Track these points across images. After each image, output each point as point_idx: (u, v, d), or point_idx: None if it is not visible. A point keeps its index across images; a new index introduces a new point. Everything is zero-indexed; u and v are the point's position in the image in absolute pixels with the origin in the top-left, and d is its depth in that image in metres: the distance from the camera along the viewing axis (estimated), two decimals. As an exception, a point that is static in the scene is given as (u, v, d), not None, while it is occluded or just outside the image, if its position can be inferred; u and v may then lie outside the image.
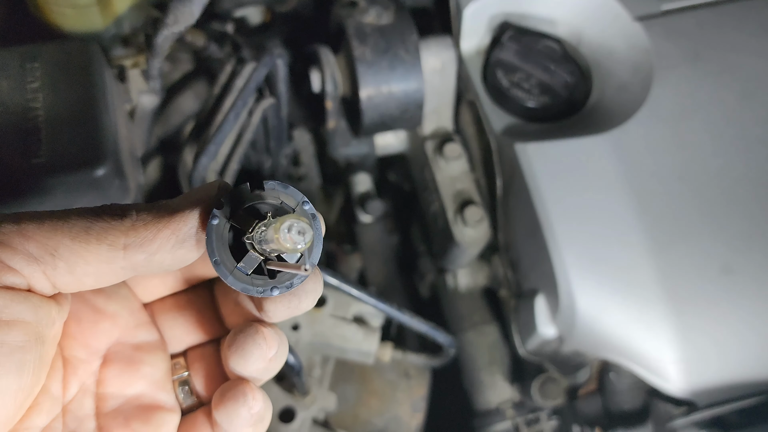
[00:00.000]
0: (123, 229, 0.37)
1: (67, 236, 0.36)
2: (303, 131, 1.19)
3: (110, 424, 0.42)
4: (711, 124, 0.89)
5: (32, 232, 0.36)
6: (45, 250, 0.36)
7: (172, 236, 0.37)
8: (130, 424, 0.42)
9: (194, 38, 0.95)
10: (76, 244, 0.36)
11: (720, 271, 0.83)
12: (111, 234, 0.37)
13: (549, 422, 1.02)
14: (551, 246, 0.84)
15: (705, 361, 0.82)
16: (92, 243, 0.36)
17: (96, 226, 0.37)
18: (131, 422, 0.43)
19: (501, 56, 0.98)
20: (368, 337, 0.94)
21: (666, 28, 0.93)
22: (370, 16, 0.97)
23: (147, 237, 0.37)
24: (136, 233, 0.37)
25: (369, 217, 1.19)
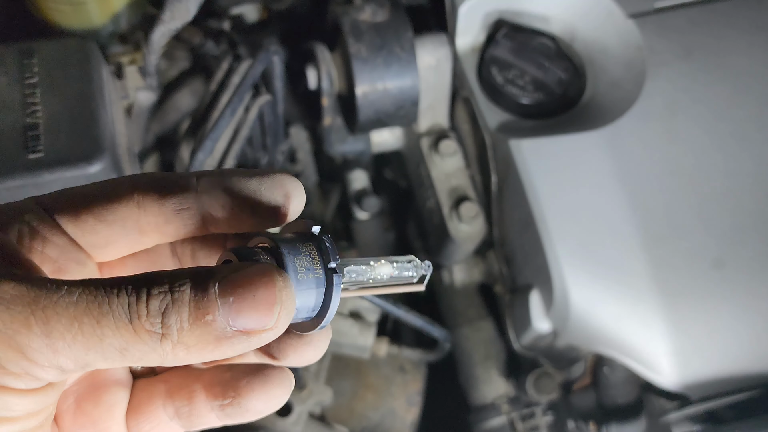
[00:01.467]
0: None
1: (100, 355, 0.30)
2: (299, 128, 1.19)
3: (60, 407, 0.38)
4: (703, 120, 0.90)
5: (61, 341, 0.29)
6: (76, 365, 0.30)
7: None
8: (81, 407, 0.38)
9: (191, 35, 0.95)
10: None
11: (712, 266, 0.84)
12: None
13: (544, 417, 1.02)
14: (545, 241, 0.85)
15: (697, 355, 0.83)
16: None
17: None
18: (83, 404, 0.38)
19: (496, 53, 0.98)
20: (364, 332, 0.95)
21: (659, 26, 0.94)
22: (365, 14, 0.98)
23: None
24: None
25: (365, 214, 1.20)
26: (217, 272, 0.31)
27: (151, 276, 0.30)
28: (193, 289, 0.30)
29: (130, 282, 0.30)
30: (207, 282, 0.30)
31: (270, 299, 0.30)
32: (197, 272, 0.31)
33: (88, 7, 0.87)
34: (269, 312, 0.30)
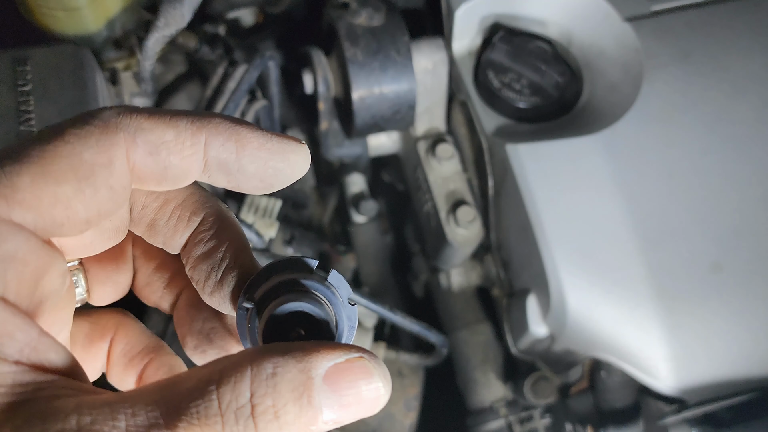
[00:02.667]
0: None
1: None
2: (296, 132, 1.19)
3: None
4: (700, 124, 0.90)
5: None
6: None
7: None
8: None
9: (186, 40, 0.95)
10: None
11: (709, 269, 0.84)
12: None
13: (542, 420, 1.02)
14: (542, 245, 0.85)
15: (694, 359, 0.83)
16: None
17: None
18: None
19: (492, 57, 0.98)
20: (361, 338, 0.95)
21: (655, 29, 0.94)
22: (361, 18, 0.98)
23: None
24: None
25: (363, 218, 1.19)
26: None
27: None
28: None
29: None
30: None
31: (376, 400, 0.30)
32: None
33: (83, 12, 0.87)
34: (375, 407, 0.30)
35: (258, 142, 0.33)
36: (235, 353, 0.29)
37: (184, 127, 0.31)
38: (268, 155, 0.33)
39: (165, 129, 0.31)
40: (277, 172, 0.34)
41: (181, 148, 0.31)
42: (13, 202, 0.28)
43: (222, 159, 0.32)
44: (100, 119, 0.30)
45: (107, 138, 0.30)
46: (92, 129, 0.30)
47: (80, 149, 0.29)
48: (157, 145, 0.31)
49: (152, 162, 0.31)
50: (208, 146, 0.32)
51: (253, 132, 0.33)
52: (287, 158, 0.34)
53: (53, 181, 0.28)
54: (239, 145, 0.32)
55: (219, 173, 0.33)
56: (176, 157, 0.32)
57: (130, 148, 0.30)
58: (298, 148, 0.34)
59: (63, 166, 0.29)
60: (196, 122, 0.32)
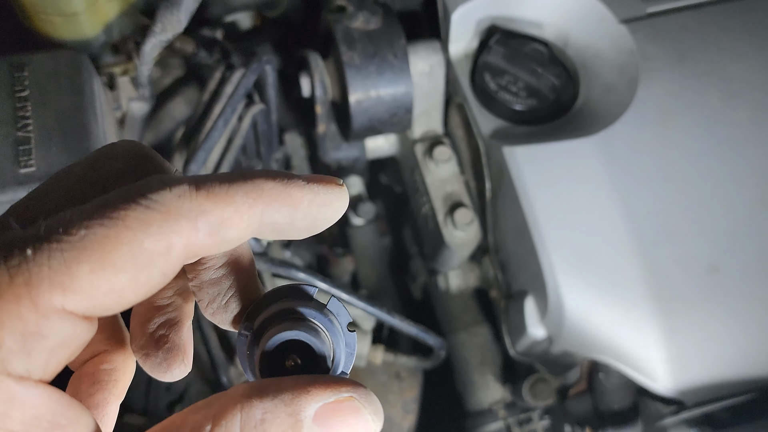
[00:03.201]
0: None
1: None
2: (294, 135, 1.19)
3: None
4: (696, 125, 0.90)
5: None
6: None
7: None
8: None
9: (183, 45, 0.95)
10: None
11: (706, 271, 0.84)
12: None
13: (540, 422, 1.03)
14: (539, 247, 0.85)
15: (692, 360, 0.83)
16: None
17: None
18: None
19: (489, 59, 0.98)
20: (359, 340, 0.95)
21: (651, 31, 0.94)
22: (358, 21, 0.98)
23: None
24: None
25: (361, 220, 1.20)
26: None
27: None
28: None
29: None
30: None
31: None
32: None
33: (80, 18, 0.87)
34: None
35: (308, 200, 0.33)
36: (227, 392, 0.30)
37: (241, 202, 0.31)
38: (317, 210, 0.33)
39: (224, 208, 0.31)
40: (324, 221, 0.34)
41: (238, 223, 0.31)
42: (69, 291, 0.27)
43: (276, 224, 0.32)
44: (162, 204, 0.29)
45: (169, 226, 0.29)
46: (154, 215, 0.29)
47: (141, 237, 0.28)
48: (216, 225, 0.30)
49: (210, 241, 0.31)
50: (264, 215, 0.32)
51: (302, 190, 0.33)
52: (333, 207, 0.34)
53: (112, 271, 0.28)
54: (292, 209, 0.32)
55: (271, 233, 0.33)
56: (233, 232, 0.31)
57: (190, 234, 0.30)
58: (341, 194, 0.34)
59: (123, 254, 0.28)
60: (251, 194, 0.31)
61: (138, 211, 0.28)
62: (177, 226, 0.29)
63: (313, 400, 0.29)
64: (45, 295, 0.27)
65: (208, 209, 0.30)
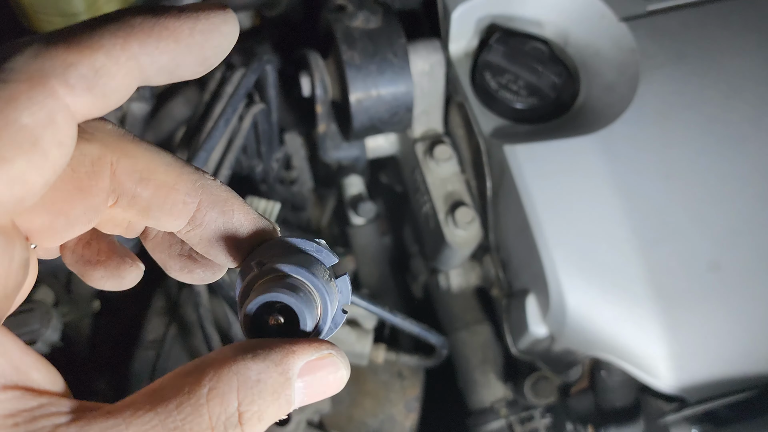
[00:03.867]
0: None
1: None
2: (294, 135, 1.19)
3: None
4: (697, 123, 0.90)
5: None
6: None
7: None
8: None
9: (183, 45, 0.95)
10: None
11: (707, 268, 0.84)
12: None
13: (542, 420, 1.03)
14: (540, 246, 0.85)
15: (694, 358, 0.83)
16: None
17: None
18: None
19: (489, 58, 0.98)
20: (361, 339, 0.95)
21: (651, 29, 0.94)
22: (358, 21, 0.98)
23: None
24: None
25: (361, 219, 1.20)
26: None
27: None
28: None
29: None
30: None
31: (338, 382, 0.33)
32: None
33: (81, 18, 0.87)
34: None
35: (189, 28, 0.29)
36: (215, 355, 0.30)
37: (110, 45, 0.28)
38: (203, 38, 0.30)
39: (92, 55, 0.27)
40: (215, 51, 0.31)
41: (116, 69, 0.28)
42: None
43: (161, 64, 0.29)
44: (20, 71, 0.26)
45: (38, 91, 0.26)
46: (18, 86, 0.26)
47: (15, 116, 0.25)
48: (91, 78, 0.27)
49: (91, 96, 0.27)
50: (142, 56, 0.29)
51: (179, 19, 0.29)
52: (221, 31, 0.31)
53: (2, 162, 0.25)
54: (173, 42, 0.29)
55: (159, 76, 0.30)
56: (114, 81, 0.28)
57: (67, 94, 0.27)
58: (226, 16, 0.31)
59: (5, 142, 0.25)
60: (120, 33, 0.28)
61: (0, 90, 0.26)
62: (47, 88, 0.26)
63: (299, 359, 0.31)
64: None
65: (74, 61, 0.27)
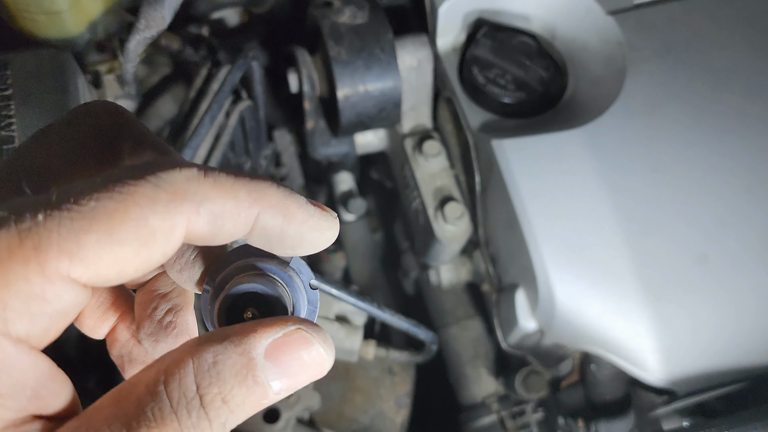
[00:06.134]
0: None
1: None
2: (284, 131, 1.19)
3: None
4: (684, 116, 0.90)
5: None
6: None
7: None
8: None
9: (169, 42, 0.95)
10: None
11: (695, 261, 0.84)
12: None
13: (534, 414, 1.03)
14: (529, 240, 0.85)
15: (683, 350, 0.83)
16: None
17: None
18: None
19: (476, 53, 0.98)
20: (351, 336, 0.95)
21: (638, 22, 0.94)
22: (344, 16, 0.98)
23: None
24: None
25: (352, 216, 1.19)
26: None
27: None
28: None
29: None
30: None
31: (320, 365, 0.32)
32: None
33: (64, 16, 0.86)
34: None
35: (302, 218, 0.34)
36: (176, 348, 0.30)
37: (242, 199, 0.32)
38: (308, 230, 0.34)
39: (226, 200, 0.31)
40: (311, 245, 0.35)
41: (236, 218, 0.32)
42: (75, 259, 0.28)
43: (267, 229, 0.33)
44: (170, 183, 0.30)
45: (174, 206, 0.30)
46: (162, 194, 0.29)
47: (148, 214, 0.29)
48: (216, 215, 0.31)
49: (208, 229, 0.31)
50: (259, 218, 0.33)
51: (300, 207, 0.34)
52: (323, 234, 0.35)
53: (117, 243, 0.28)
54: (286, 220, 0.33)
55: (259, 240, 0.34)
56: (230, 226, 0.32)
57: (191, 217, 0.30)
58: (333, 224, 0.35)
59: (129, 228, 0.28)
60: (254, 194, 0.32)
61: (147, 188, 0.29)
62: (182, 207, 0.30)
63: (262, 338, 0.30)
64: (53, 261, 0.27)
65: (212, 197, 0.31)
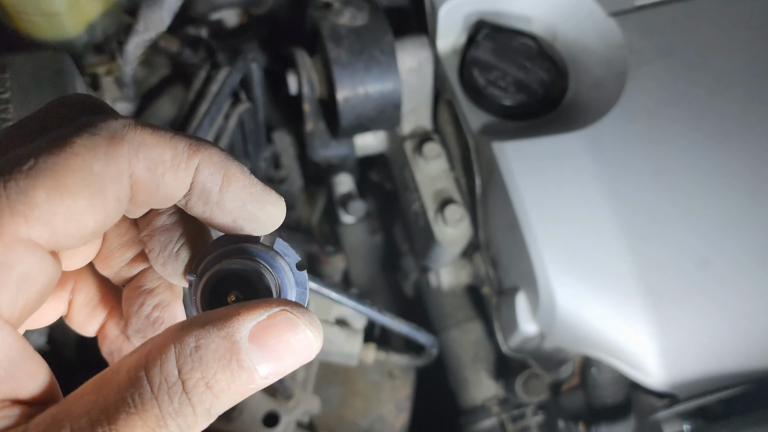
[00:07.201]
0: None
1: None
2: (283, 133, 1.18)
3: None
4: (685, 118, 0.90)
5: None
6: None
7: None
8: None
9: (168, 44, 0.94)
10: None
11: (696, 264, 0.84)
12: None
13: (534, 418, 1.02)
14: (530, 243, 0.85)
15: (684, 354, 0.83)
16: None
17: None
18: None
19: (477, 55, 0.98)
20: (351, 339, 0.94)
21: (639, 24, 0.94)
22: (344, 18, 0.97)
23: None
24: None
25: (351, 218, 1.19)
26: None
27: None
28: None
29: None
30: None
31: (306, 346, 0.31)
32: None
33: (62, 18, 0.86)
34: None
35: (243, 183, 0.34)
36: (159, 334, 0.30)
37: (182, 149, 0.32)
38: (248, 198, 0.34)
39: (165, 148, 0.32)
40: (252, 217, 0.35)
41: (176, 168, 0.32)
42: (30, 219, 0.28)
43: (207, 187, 0.33)
44: (107, 130, 0.30)
45: (115, 150, 0.30)
46: (100, 141, 0.30)
47: (90, 162, 0.29)
48: (156, 162, 0.31)
49: (149, 178, 0.32)
50: (199, 172, 0.33)
51: (242, 172, 0.34)
52: (265, 207, 0.35)
53: (68, 195, 0.28)
54: (226, 179, 0.33)
55: (199, 200, 0.34)
56: (170, 177, 0.32)
57: (132, 162, 0.31)
58: (277, 201, 0.36)
59: (76, 179, 0.29)
60: (193, 147, 0.33)
61: (84, 138, 0.29)
62: (121, 150, 0.30)
63: (245, 320, 0.30)
64: (8, 225, 0.27)
65: (150, 144, 0.31)
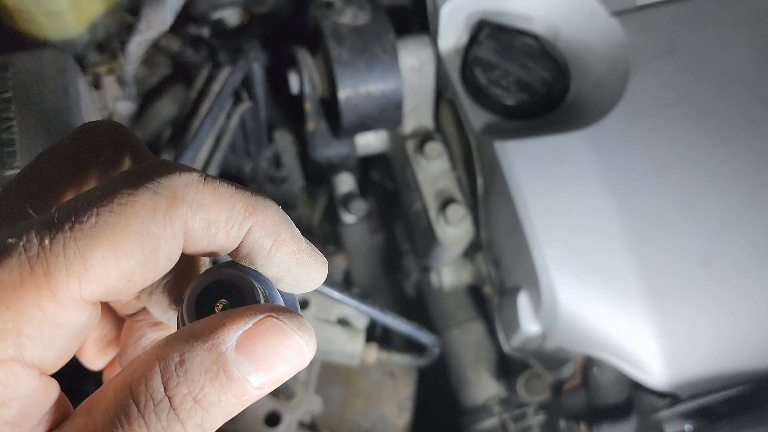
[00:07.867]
0: None
1: None
2: (284, 132, 1.18)
3: None
4: (688, 118, 0.90)
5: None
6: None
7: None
8: None
9: (169, 43, 0.94)
10: None
11: (699, 264, 0.84)
12: None
13: (536, 417, 1.02)
14: (532, 243, 0.85)
15: (686, 354, 0.83)
16: None
17: None
18: None
19: (479, 54, 0.98)
20: (352, 339, 0.94)
21: (642, 23, 0.94)
22: (346, 17, 0.97)
23: None
24: None
25: (352, 218, 1.19)
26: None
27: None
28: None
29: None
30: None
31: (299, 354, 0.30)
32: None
33: (64, 17, 0.86)
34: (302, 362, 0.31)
35: (292, 249, 0.34)
36: (144, 352, 0.29)
37: (238, 211, 0.32)
38: (294, 264, 0.34)
39: (223, 209, 0.31)
40: (294, 282, 0.35)
41: (229, 230, 0.32)
42: (84, 279, 0.27)
43: (255, 249, 0.33)
44: (169, 189, 0.30)
45: (174, 212, 0.30)
46: (162, 201, 0.29)
47: (149, 223, 0.29)
48: (210, 222, 0.31)
49: (200, 237, 0.31)
50: (250, 233, 0.33)
51: (292, 237, 0.34)
52: (308, 273, 0.35)
53: (123, 257, 0.28)
54: (276, 244, 0.33)
55: (245, 257, 0.34)
56: (221, 237, 0.32)
57: (188, 222, 0.30)
58: (322, 267, 0.35)
59: (132, 240, 0.28)
60: (250, 208, 0.32)
61: (146, 196, 0.29)
62: (180, 212, 0.30)
63: (230, 330, 0.29)
64: (63, 285, 0.27)
65: (209, 204, 0.31)
